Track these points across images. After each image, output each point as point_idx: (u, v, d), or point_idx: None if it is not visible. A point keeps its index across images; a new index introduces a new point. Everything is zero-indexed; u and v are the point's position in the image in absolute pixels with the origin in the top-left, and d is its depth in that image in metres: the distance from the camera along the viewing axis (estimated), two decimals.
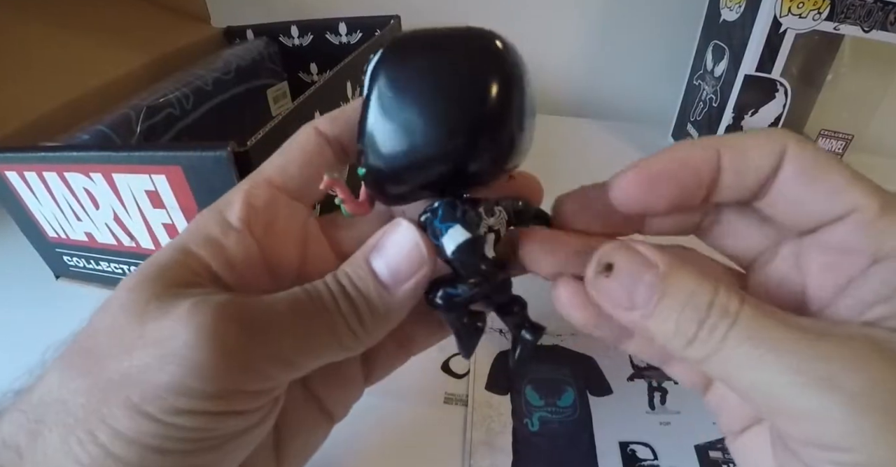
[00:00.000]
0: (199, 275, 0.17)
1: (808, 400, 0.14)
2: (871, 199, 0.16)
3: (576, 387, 0.31)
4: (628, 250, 0.16)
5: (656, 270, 0.16)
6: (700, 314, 0.15)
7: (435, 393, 0.30)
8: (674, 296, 0.15)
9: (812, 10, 0.40)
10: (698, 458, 0.27)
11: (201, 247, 0.17)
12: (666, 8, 0.59)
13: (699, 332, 0.15)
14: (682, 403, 0.30)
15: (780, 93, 0.44)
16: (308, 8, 0.62)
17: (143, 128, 0.38)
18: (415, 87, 0.16)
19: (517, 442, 0.28)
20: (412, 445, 0.28)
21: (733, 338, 0.15)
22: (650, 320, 0.16)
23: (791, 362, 0.14)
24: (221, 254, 0.17)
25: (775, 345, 0.14)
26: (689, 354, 0.15)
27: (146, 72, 0.44)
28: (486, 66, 0.16)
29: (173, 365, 0.14)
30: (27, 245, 0.38)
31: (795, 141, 0.16)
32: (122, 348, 0.15)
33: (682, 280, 0.15)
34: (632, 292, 0.16)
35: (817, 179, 0.16)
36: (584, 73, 0.66)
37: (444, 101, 0.16)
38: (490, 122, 0.16)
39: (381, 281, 0.17)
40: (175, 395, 0.14)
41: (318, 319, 0.16)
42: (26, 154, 0.31)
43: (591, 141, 0.59)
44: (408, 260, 0.17)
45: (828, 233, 0.17)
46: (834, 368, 0.14)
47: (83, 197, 0.32)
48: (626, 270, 0.16)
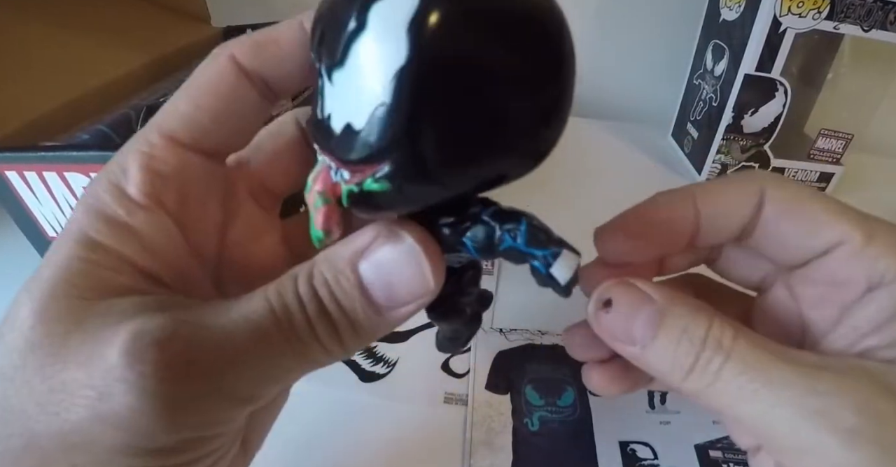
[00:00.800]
0: (117, 272, 0.13)
1: (804, 433, 0.14)
2: (856, 230, 0.16)
3: (576, 387, 0.31)
4: (626, 286, 0.16)
5: (654, 305, 0.16)
6: (696, 347, 0.15)
7: (435, 392, 0.30)
8: (670, 329, 0.16)
9: (812, 10, 0.40)
10: (698, 458, 0.27)
11: (107, 236, 0.14)
12: (666, 8, 0.59)
13: (695, 365, 0.15)
14: (682, 403, 0.30)
15: (779, 92, 0.44)
16: (308, 8, 0.62)
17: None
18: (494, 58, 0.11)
19: (517, 442, 0.28)
20: (412, 445, 0.28)
21: (728, 371, 0.15)
22: (649, 353, 0.16)
23: (785, 396, 0.14)
24: (134, 240, 0.14)
25: (770, 379, 0.14)
26: (686, 387, 0.16)
27: (146, 72, 0.44)
28: (562, 43, 0.12)
29: (113, 429, 0.12)
30: (27, 245, 0.37)
31: (773, 182, 0.17)
32: (44, 407, 0.12)
33: (678, 314, 0.16)
34: (630, 326, 0.16)
35: (799, 217, 0.17)
36: (583, 73, 0.65)
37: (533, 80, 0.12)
38: (564, 110, 0.13)
39: (373, 300, 0.14)
40: (124, 457, 0.12)
41: (290, 348, 0.13)
42: (26, 154, 0.31)
43: (591, 141, 0.59)
44: (409, 285, 0.14)
45: (817, 266, 0.17)
46: (828, 402, 0.14)
47: None
48: (624, 305, 0.16)
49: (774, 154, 0.48)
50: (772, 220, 0.17)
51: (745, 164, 0.49)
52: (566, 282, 0.14)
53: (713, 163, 0.50)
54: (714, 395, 0.15)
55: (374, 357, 0.33)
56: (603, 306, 0.17)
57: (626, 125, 0.62)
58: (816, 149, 0.48)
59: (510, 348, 0.33)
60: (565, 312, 0.36)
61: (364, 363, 0.32)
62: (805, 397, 0.14)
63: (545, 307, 0.37)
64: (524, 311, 0.35)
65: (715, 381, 0.15)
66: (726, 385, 0.15)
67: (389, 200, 0.13)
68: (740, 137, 0.48)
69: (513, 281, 0.37)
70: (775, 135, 0.47)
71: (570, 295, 0.14)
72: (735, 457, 0.27)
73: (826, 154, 0.48)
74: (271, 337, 0.13)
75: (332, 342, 0.14)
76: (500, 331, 0.34)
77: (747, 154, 0.48)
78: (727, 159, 0.49)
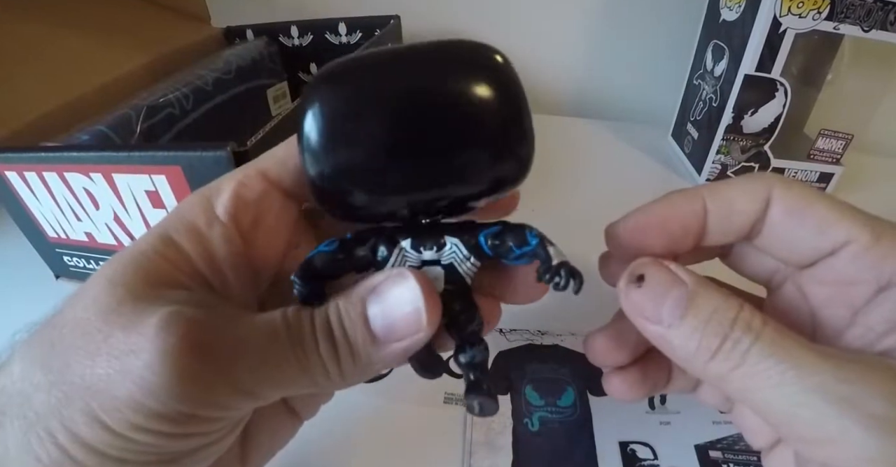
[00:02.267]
0: (179, 269, 0.16)
1: (829, 420, 0.14)
2: (862, 230, 0.16)
3: (576, 387, 0.31)
4: (660, 266, 0.17)
5: (685, 287, 0.16)
6: (724, 329, 0.15)
7: (435, 392, 0.30)
8: (699, 310, 0.16)
9: (812, 10, 0.40)
10: (698, 458, 0.27)
11: (184, 238, 0.16)
12: (666, 8, 0.59)
13: (722, 346, 0.15)
14: (682, 403, 0.30)
15: (779, 92, 0.44)
16: (308, 8, 0.62)
17: (143, 128, 0.38)
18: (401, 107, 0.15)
19: (517, 442, 0.28)
20: (412, 445, 0.28)
21: (755, 353, 0.15)
22: (674, 333, 0.16)
23: (812, 381, 0.14)
24: (204, 247, 0.16)
25: (797, 363, 0.14)
26: (710, 369, 0.16)
27: (146, 72, 0.44)
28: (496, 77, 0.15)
29: (131, 383, 0.14)
30: (27, 245, 0.37)
31: (781, 183, 0.17)
32: (86, 351, 0.14)
33: (709, 297, 0.16)
34: (659, 305, 0.16)
35: (806, 217, 0.17)
36: (584, 73, 0.66)
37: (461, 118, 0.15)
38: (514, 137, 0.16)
39: (374, 331, 0.16)
40: (132, 412, 0.14)
41: (293, 355, 0.15)
42: (26, 154, 0.31)
43: (591, 141, 0.59)
44: (405, 320, 0.16)
45: (826, 266, 0.17)
46: (856, 390, 0.14)
47: (83, 197, 0.32)
48: (656, 283, 0.16)
49: (774, 154, 0.48)
50: (779, 220, 0.17)
51: (745, 165, 0.49)
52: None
53: (713, 163, 0.50)
54: (738, 378, 0.15)
55: None
56: (635, 281, 0.17)
57: (626, 125, 0.62)
58: (816, 150, 0.48)
59: (510, 348, 0.33)
60: (565, 313, 0.36)
61: None
62: (832, 384, 0.14)
63: (545, 307, 0.37)
64: (524, 311, 0.35)
65: (741, 363, 0.15)
66: (752, 367, 0.15)
67: None
68: (740, 138, 0.48)
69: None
70: (775, 135, 0.47)
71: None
72: (735, 458, 0.27)
73: (826, 154, 0.48)
74: (279, 342, 0.15)
75: (331, 361, 0.16)
76: (500, 331, 0.34)
77: (747, 154, 0.48)
78: (727, 159, 0.49)
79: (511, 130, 0.15)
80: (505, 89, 0.15)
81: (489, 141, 0.15)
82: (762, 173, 0.18)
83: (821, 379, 0.14)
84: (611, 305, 0.20)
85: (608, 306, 0.21)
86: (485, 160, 0.15)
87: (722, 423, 0.29)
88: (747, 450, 0.27)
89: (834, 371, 0.14)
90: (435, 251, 0.17)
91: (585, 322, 0.36)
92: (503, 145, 0.15)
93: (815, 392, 0.14)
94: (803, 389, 0.14)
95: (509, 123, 0.15)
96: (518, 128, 0.15)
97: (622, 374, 0.21)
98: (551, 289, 0.15)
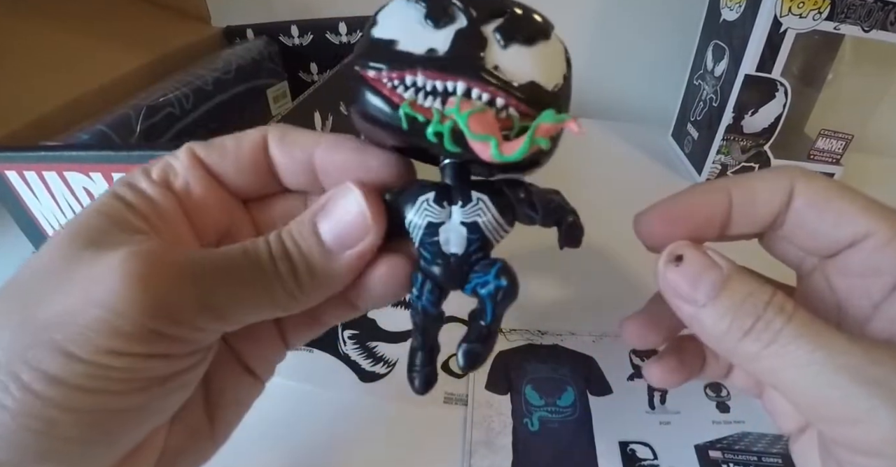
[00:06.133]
0: (139, 220, 0.17)
1: (856, 400, 0.14)
2: (884, 223, 0.17)
3: (576, 387, 0.31)
4: (698, 249, 0.17)
5: (720, 270, 0.17)
6: (758, 310, 0.16)
7: (434, 392, 0.30)
8: (734, 291, 0.16)
9: (812, 10, 0.40)
10: (698, 458, 0.27)
11: (135, 198, 0.17)
12: (666, 8, 0.59)
13: (755, 325, 0.16)
14: (682, 403, 0.30)
15: (780, 92, 0.44)
16: (308, 8, 0.62)
17: (143, 128, 0.38)
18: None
19: (517, 442, 0.28)
20: (412, 445, 0.28)
21: (787, 334, 0.15)
22: (706, 313, 0.16)
23: (842, 362, 0.15)
24: (153, 206, 0.17)
25: (827, 344, 0.15)
26: (741, 348, 0.16)
27: (146, 72, 0.44)
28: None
29: (95, 308, 0.14)
30: (27, 245, 0.37)
31: (804, 176, 0.18)
32: (49, 290, 0.15)
33: (743, 281, 0.16)
34: (696, 285, 0.17)
35: (827, 209, 0.17)
36: (583, 73, 0.65)
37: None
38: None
39: (325, 244, 0.17)
40: (98, 335, 0.14)
41: (253, 274, 0.16)
42: (26, 154, 0.31)
43: (592, 141, 0.59)
44: (352, 226, 0.17)
45: (847, 257, 0.18)
46: (885, 372, 0.14)
47: (83, 197, 0.32)
48: (693, 263, 0.17)
49: (775, 154, 0.48)
50: (800, 212, 0.18)
51: (745, 165, 0.49)
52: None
53: (713, 163, 0.50)
54: (768, 357, 0.15)
55: (374, 357, 0.33)
56: (674, 260, 0.17)
57: (626, 125, 0.62)
58: (816, 150, 0.48)
59: (510, 348, 0.33)
60: (565, 313, 0.36)
61: (364, 363, 0.32)
62: (862, 365, 0.14)
63: (545, 307, 0.37)
64: (524, 311, 0.35)
65: (772, 343, 0.15)
66: (783, 347, 0.15)
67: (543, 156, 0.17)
68: (740, 138, 0.48)
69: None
70: (775, 135, 0.47)
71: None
72: (735, 458, 0.27)
73: (826, 154, 0.48)
74: (240, 265, 0.16)
75: (290, 277, 0.16)
76: (500, 330, 0.34)
77: (747, 154, 0.48)
78: (727, 159, 0.49)
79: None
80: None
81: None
82: (786, 166, 0.18)
83: (849, 359, 0.14)
84: (611, 305, 0.20)
85: (608, 306, 0.21)
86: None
87: (722, 423, 0.29)
88: (747, 450, 0.27)
89: (863, 353, 0.15)
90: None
91: (585, 322, 0.36)
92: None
93: (844, 372, 0.14)
94: (832, 369, 0.14)
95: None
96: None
97: (661, 363, 0.22)
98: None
